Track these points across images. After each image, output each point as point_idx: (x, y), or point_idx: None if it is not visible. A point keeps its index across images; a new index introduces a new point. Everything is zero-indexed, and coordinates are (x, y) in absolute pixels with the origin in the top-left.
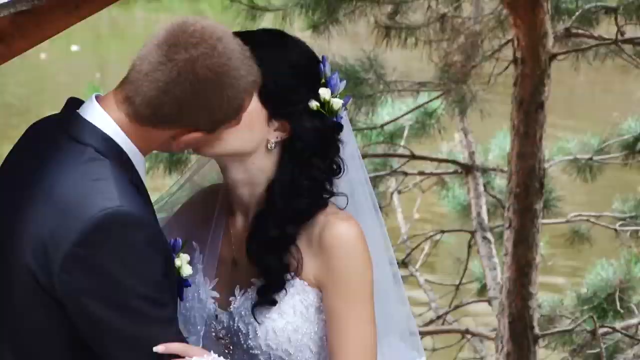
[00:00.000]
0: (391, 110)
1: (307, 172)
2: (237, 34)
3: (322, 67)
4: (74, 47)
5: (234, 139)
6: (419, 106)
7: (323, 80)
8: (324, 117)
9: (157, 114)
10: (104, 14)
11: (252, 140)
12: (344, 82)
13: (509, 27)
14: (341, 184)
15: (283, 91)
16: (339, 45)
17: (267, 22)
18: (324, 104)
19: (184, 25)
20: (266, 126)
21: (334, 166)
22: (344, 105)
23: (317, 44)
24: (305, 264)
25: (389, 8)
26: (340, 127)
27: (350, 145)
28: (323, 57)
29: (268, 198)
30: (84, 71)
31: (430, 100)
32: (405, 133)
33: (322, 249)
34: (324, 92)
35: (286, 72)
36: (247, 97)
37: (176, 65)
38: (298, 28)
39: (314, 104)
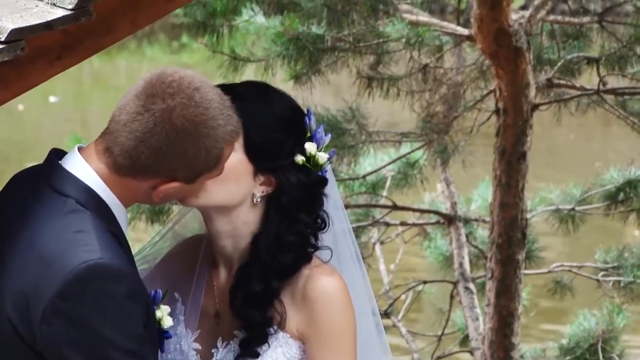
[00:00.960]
0: (373, 161)
1: (293, 227)
2: (221, 87)
3: (308, 121)
4: (52, 99)
5: (219, 191)
6: (401, 157)
7: (308, 134)
8: (309, 171)
9: (135, 164)
10: (85, 64)
11: (237, 194)
12: (329, 135)
13: (491, 77)
14: (324, 234)
15: (269, 145)
16: (321, 96)
17: (249, 72)
18: (310, 158)
19: (162, 76)
20: (252, 180)
21: (319, 220)
22: (329, 159)
23: (299, 95)
24: (288, 317)
25: (371, 59)
26: (325, 182)
27: (333, 196)
28: (308, 110)
29: (253, 252)
30: (65, 122)
31: (413, 151)
32: (388, 183)
33: (305, 303)
34: (310, 147)
35: (272, 126)
36: (227, 147)
37: (153, 115)
38: (280, 79)
39: (299, 159)
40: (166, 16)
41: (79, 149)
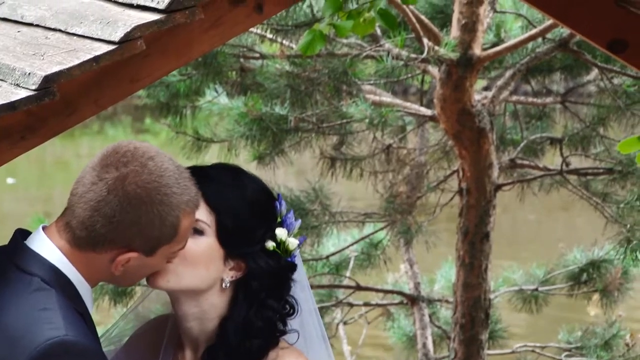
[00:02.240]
0: (337, 242)
1: (262, 313)
2: (194, 168)
3: (278, 206)
4: (10, 180)
5: (189, 275)
6: (365, 237)
7: (279, 219)
8: (279, 257)
9: (91, 235)
10: (47, 145)
11: (207, 279)
12: (299, 221)
13: (454, 158)
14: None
15: (241, 231)
16: (284, 176)
17: (212, 152)
18: (280, 244)
19: (117, 147)
20: (222, 265)
21: (288, 306)
22: (299, 245)
23: (262, 175)
24: None
25: (334, 139)
26: (294, 268)
27: (300, 277)
28: (279, 195)
29: (220, 335)
30: (27, 203)
31: (376, 231)
32: (351, 264)
33: None
34: (280, 233)
35: (244, 212)
36: (184, 217)
37: (106, 184)
38: (243, 159)
39: (270, 245)
40: (129, 97)
41: (44, 228)
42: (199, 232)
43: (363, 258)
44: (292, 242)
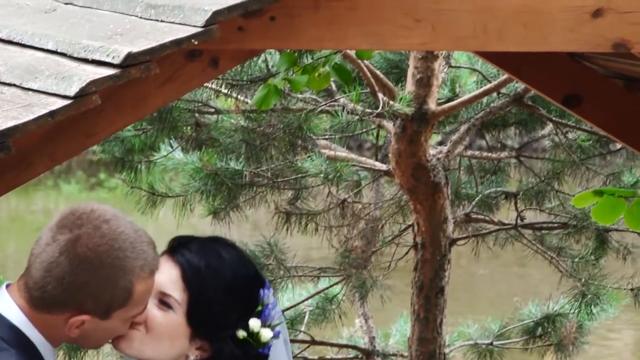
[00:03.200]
0: (291, 296)
1: None
2: (184, 237)
3: (262, 293)
4: None
5: (152, 347)
6: (320, 291)
7: (260, 307)
8: (249, 347)
9: (44, 296)
10: (1, 200)
11: (170, 354)
12: (280, 314)
13: (409, 212)
14: None
15: (212, 315)
16: (239, 231)
17: (167, 207)
18: (253, 334)
19: (75, 209)
20: (187, 343)
21: None
22: (274, 337)
23: (217, 231)
24: None
25: (289, 194)
26: (264, 359)
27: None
28: (266, 282)
29: None
30: None
31: (331, 286)
32: (306, 319)
33: None
34: (254, 324)
35: (219, 297)
36: (139, 281)
37: (59, 245)
38: (198, 214)
39: (241, 334)
40: (84, 152)
41: (7, 286)
42: (168, 306)
43: (318, 312)
44: (265, 334)
